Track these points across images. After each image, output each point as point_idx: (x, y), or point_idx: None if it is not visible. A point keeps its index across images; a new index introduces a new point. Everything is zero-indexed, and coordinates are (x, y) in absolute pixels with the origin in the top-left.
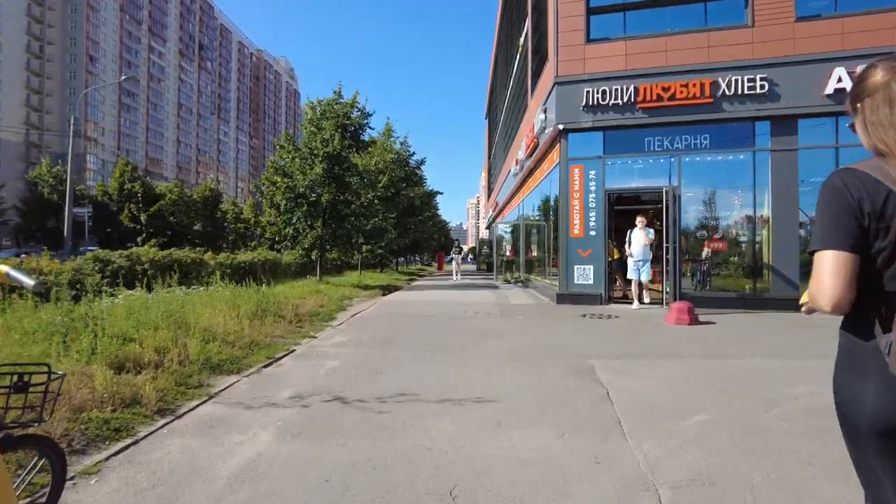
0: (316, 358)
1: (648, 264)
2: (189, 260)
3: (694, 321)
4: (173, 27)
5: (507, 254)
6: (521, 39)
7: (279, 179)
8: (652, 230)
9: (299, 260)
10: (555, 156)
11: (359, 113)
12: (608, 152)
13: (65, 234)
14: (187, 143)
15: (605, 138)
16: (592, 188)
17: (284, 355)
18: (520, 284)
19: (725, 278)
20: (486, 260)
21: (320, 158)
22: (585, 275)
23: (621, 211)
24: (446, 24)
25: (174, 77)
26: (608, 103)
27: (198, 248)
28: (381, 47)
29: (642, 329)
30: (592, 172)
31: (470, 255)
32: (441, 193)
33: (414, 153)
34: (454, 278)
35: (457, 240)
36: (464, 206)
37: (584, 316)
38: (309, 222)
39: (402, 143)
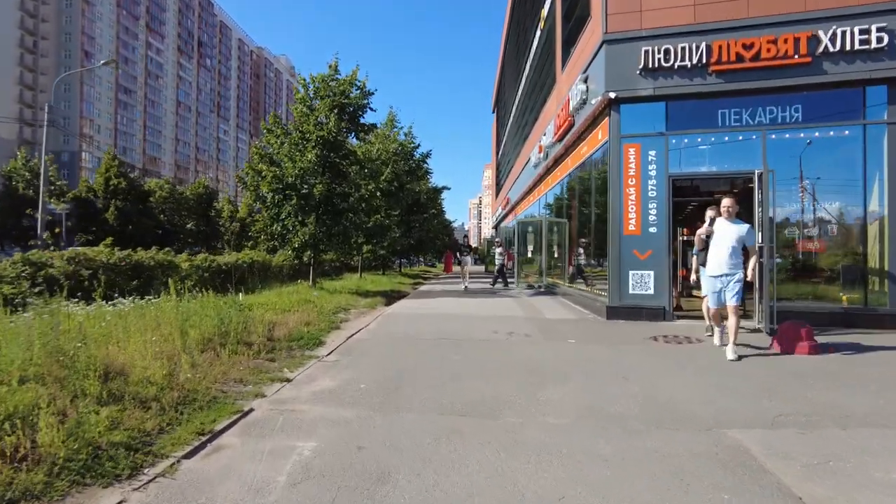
0: (280, 433)
1: (741, 281)
2: (154, 262)
3: (815, 349)
4: (171, 23)
5: (528, 254)
6: (545, 10)
7: (265, 168)
8: (747, 226)
9: (289, 262)
10: (600, 134)
11: (358, 91)
12: (672, 128)
13: (38, 231)
14: (186, 142)
15: (667, 110)
16: (652, 173)
17: (229, 426)
18: (542, 290)
19: (815, 285)
20: (492, 263)
21: (313, 143)
22: (643, 283)
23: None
24: (451, 20)
25: (172, 74)
26: (672, 65)
27: (165, 250)
28: (384, 46)
29: (754, 364)
30: (652, 153)
31: (476, 256)
32: (448, 189)
33: (419, 144)
34: (464, 283)
35: (465, 236)
36: (465, 205)
37: (656, 340)
38: (300, 218)
39: (406, 134)
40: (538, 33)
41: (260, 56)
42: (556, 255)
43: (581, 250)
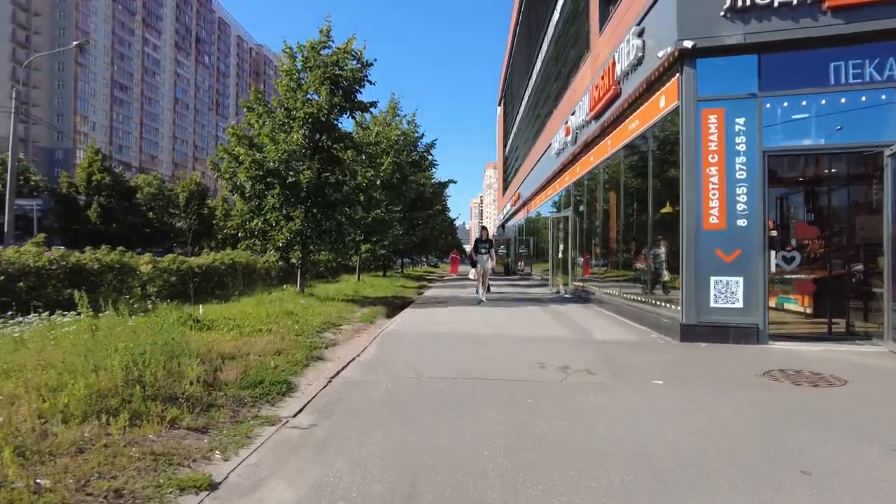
0: None
1: None
2: (100, 265)
3: None
4: (169, 19)
5: (559, 255)
6: None
7: (242, 152)
8: None
9: (273, 264)
10: (663, 100)
11: (355, 63)
12: (767, 87)
13: (5, 229)
14: (183, 139)
15: (761, 64)
16: (741, 147)
17: None
18: (569, 296)
19: None
20: (502, 262)
21: (300, 122)
22: (729, 293)
23: None
24: (455, 19)
25: (170, 71)
26: (771, 3)
27: (119, 250)
28: (388, 43)
29: None
30: (740, 121)
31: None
32: (454, 182)
33: (423, 134)
34: (480, 291)
35: (484, 228)
36: (467, 205)
37: (775, 378)
38: (284, 211)
39: (409, 122)
40: (559, 3)
41: (260, 54)
42: (583, 256)
43: (660, 251)
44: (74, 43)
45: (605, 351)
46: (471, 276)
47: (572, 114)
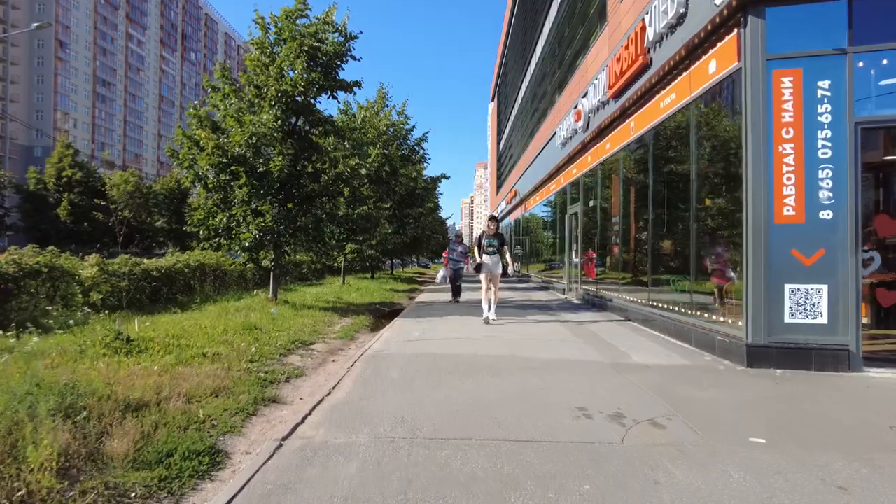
0: None
1: None
2: (18, 271)
3: None
4: (154, 14)
5: (574, 256)
6: None
7: (203, 135)
8: None
9: (239, 267)
10: (713, 64)
11: (337, 36)
12: (860, 41)
13: None
14: (169, 138)
15: (852, 11)
16: (824, 119)
17: None
18: (577, 300)
19: None
20: (514, 264)
21: (271, 100)
22: (810, 305)
23: None
24: (448, 21)
25: (155, 67)
26: None
27: (53, 250)
28: (377, 40)
29: None
30: (824, 85)
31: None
32: (447, 177)
33: (414, 126)
34: (485, 308)
35: (492, 218)
36: (457, 205)
37: None
38: (253, 205)
39: (399, 113)
40: None
41: (248, 51)
42: (588, 255)
43: (722, 250)
44: (34, 25)
45: (657, 383)
46: (437, 280)
47: (584, 96)
